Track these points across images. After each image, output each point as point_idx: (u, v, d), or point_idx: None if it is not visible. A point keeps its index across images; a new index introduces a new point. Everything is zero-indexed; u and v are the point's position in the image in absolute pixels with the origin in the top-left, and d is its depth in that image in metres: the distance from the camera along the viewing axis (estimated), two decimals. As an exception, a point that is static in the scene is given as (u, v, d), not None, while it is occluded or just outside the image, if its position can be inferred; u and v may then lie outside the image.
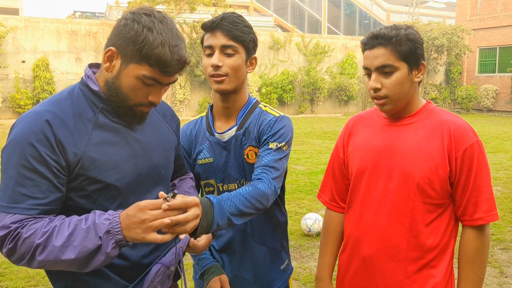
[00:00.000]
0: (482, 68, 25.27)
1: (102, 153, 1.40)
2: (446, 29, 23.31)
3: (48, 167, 1.32)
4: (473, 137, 1.70)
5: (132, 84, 1.39)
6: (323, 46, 23.26)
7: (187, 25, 19.67)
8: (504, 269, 4.49)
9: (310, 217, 5.44)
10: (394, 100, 1.72)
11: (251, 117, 1.89)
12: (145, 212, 1.26)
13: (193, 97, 20.53)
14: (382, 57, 1.69)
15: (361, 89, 23.06)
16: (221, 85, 1.80)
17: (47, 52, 18.21)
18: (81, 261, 1.27)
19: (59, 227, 1.28)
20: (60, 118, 1.36)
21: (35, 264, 1.29)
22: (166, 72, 1.39)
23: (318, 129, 16.45)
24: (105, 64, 1.41)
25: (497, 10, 24.30)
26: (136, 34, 1.35)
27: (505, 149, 11.92)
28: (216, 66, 1.77)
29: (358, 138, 1.90)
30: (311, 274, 4.35)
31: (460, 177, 1.70)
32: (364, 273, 1.82)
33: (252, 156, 1.87)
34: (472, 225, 1.72)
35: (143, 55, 1.35)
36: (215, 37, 1.79)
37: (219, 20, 1.78)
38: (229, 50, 1.78)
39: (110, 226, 1.27)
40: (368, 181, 1.82)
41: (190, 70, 19.80)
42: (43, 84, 17.50)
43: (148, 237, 1.26)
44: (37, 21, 18.29)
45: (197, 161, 1.92)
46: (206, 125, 1.94)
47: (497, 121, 19.87)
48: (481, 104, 24.02)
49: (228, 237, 1.96)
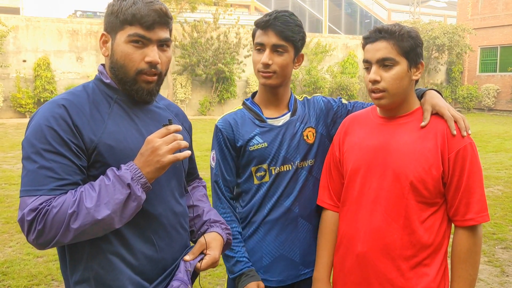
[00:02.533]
0: (483, 67, 25.24)
1: (118, 141, 1.44)
2: (447, 28, 23.29)
3: (70, 149, 1.36)
4: (467, 139, 1.73)
5: (124, 51, 1.45)
6: (324, 45, 23.25)
7: (188, 24, 19.68)
8: (505, 268, 4.49)
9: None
10: (391, 95, 1.74)
11: (299, 105, 2.07)
12: (156, 141, 1.37)
13: (194, 97, 20.52)
14: (384, 50, 1.72)
15: (362, 88, 23.04)
16: (268, 80, 1.92)
17: (48, 51, 18.21)
18: (117, 213, 1.33)
19: (85, 192, 1.33)
20: (76, 106, 1.42)
21: (70, 236, 1.31)
22: (146, 24, 1.43)
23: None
24: (102, 50, 1.51)
25: (498, 9, 24.27)
26: (112, 7, 1.47)
27: (506, 148, 11.91)
28: (267, 64, 1.88)
29: (354, 137, 1.92)
30: (312, 273, 4.35)
31: (452, 178, 1.73)
32: (358, 271, 1.84)
33: (311, 137, 2.03)
34: (464, 226, 1.75)
35: (122, 19, 1.44)
36: (267, 35, 1.88)
37: (272, 20, 1.86)
38: (279, 49, 1.88)
39: (132, 174, 1.36)
40: (363, 179, 1.84)
41: (191, 70, 19.80)
42: (44, 84, 17.50)
43: (167, 159, 1.37)
44: (38, 20, 18.29)
45: (248, 148, 1.97)
46: (252, 115, 2.02)
47: (498, 121, 19.84)
48: (482, 104, 24.00)
49: (275, 218, 1.99)
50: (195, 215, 1.73)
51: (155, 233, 1.52)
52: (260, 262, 1.99)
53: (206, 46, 19.54)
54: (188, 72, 20.00)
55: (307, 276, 2.03)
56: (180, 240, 1.60)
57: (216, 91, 20.53)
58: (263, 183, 1.98)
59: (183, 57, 19.66)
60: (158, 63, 1.47)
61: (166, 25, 1.49)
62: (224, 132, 1.99)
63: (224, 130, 1.99)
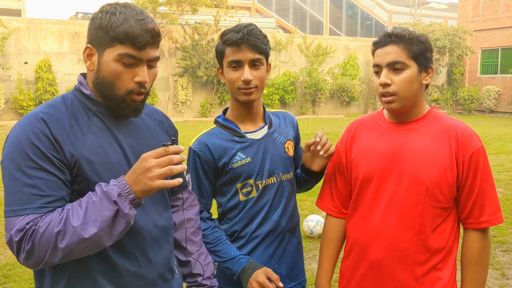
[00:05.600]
0: (484, 69, 25.23)
1: (98, 154, 1.40)
2: (448, 30, 23.29)
3: (53, 163, 1.32)
4: (478, 142, 1.75)
5: (113, 69, 1.40)
6: (324, 47, 23.26)
7: (189, 27, 19.71)
8: (505, 271, 4.50)
9: (312, 219, 5.45)
10: (402, 98, 1.74)
11: (272, 117, 2.07)
12: (149, 161, 1.30)
13: (195, 98, 20.54)
14: (394, 53, 1.73)
15: (362, 90, 23.05)
16: (251, 96, 1.89)
17: (50, 53, 18.25)
18: (105, 231, 1.28)
19: (72, 210, 1.29)
20: (56, 119, 1.37)
21: (58, 255, 1.27)
22: (138, 44, 1.39)
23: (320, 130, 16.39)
24: (87, 63, 1.45)
25: (499, 11, 24.27)
26: (101, 21, 1.40)
27: (507, 150, 11.91)
28: (249, 81, 1.86)
29: (363, 143, 1.89)
30: (313, 276, 4.35)
31: (466, 181, 1.73)
32: (372, 278, 1.82)
33: (291, 149, 2.05)
34: (477, 228, 1.76)
35: (112, 36, 1.38)
36: (242, 52, 1.85)
37: (246, 36, 1.84)
38: (257, 63, 1.88)
39: (120, 189, 1.30)
40: (376, 185, 1.82)
41: (192, 72, 19.83)
42: (46, 86, 17.54)
43: (155, 184, 1.30)
44: (40, 22, 18.34)
45: (232, 166, 1.93)
46: (229, 132, 1.97)
47: (499, 122, 19.84)
48: (483, 105, 23.99)
49: (263, 232, 1.97)
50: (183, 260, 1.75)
51: (138, 248, 1.48)
52: None
53: (207, 48, 19.57)
54: (189, 74, 20.03)
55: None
56: (164, 254, 1.58)
57: (217, 93, 20.56)
58: (249, 199, 1.96)
59: (184, 59, 19.70)
60: (147, 83, 1.45)
61: (157, 44, 1.45)
62: (201, 155, 1.93)
63: (201, 153, 1.93)
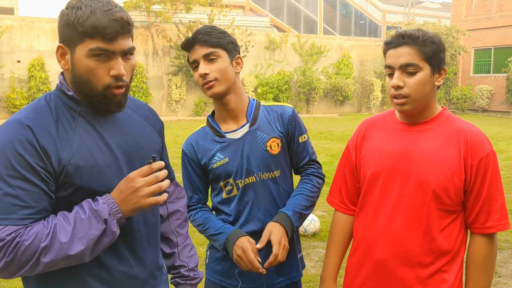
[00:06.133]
0: (477, 68, 25.36)
1: (86, 159, 1.37)
2: (441, 30, 23.39)
3: (37, 174, 1.29)
4: (489, 146, 1.73)
5: (86, 65, 1.36)
6: (318, 46, 23.29)
7: (183, 25, 19.67)
8: (497, 269, 4.52)
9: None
10: (414, 100, 1.72)
11: (261, 113, 2.03)
12: (137, 180, 1.34)
13: (189, 97, 20.51)
14: (407, 55, 1.70)
15: (356, 89, 23.11)
16: (213, 89, 1.91)
17: (43, 52, 18.17)
18: (90, 248, 1.31)
19: (59, 225, 1.29)
20: (42, 125, 1.34)
21: (39, 269, 1.27)
22: (107, 36, 1.34)
23: (314, 129, 16.47)
24: (61, 63, 1.41)
25: (492, 10, 24.40)
26: (68, 18, 1.35)
27: (500, 149, 11.97)
28: (204, 74, 1.90)
29: (373, 142, 1.89)
30: (306, 275, 4.37)
31: (473, 186, 1.72)
32: (376, 277, 1.83)
33: (275, 147, 2.01)
34: (483, 233, 1.75)
35: (80, 32, 1.33)
36: (195, 51, 1.92)
37: (194, 35, 1.92)
38: (211, 56, 1.91)
39: (109, 208, 1.32)
40: (383, 185, 1.82)
41: (186, 70, 19.79)
42: (39, 84, 17.46)
43: (147, 201, 1.34)
44: (32, 20, 18.25)
45: (212, 166, 1.99)
46: (212, 132, 2.03)
47: (492, 121, 19.96)
48: (476, 105, 24.12)
49: (251, 229, 2.00)
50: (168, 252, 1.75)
51: (128, 248, 1.48)
52: (233, 269, 2.00)
53: (201, 47, 19.51)
54: (183, 72, 19.99)
55: (282, 285, 2.06)
56: (153, 251, 1.58)
57: (211, 92, 20.50)
58: (232, 197, 2.02)
59: (178, 58, 19.65)
60: (124, 75, 1.40)
61: (128, 33, 1.40)
62: (188, 153, 2.05)
63: (188, 151, 2.05)
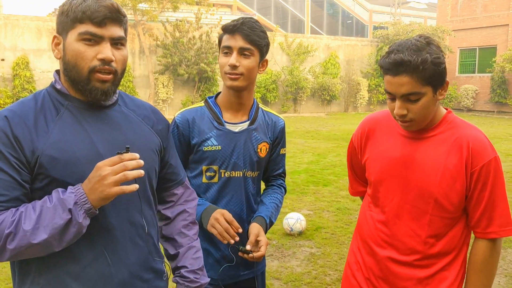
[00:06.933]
0: (462, 68, 25.63)
1: (63, 151, 1.37)
2: (427, 30, 23.59)
3: (9, 163, 1.32)
4: (491, 153, 1.71)
5: (75, 49, 1.40)
6: (306, 46, 23.35)
7: (170, 24, 19.58)
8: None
9: (292, 217, 5.47)
10: (419, 122, 1.72)
11: (259, 115, 2.13)
12: (104, 169, 1.31)
13: (176, 96, 20.42)
14: (408, 85, 1.63)
15: (343, 88, 23.21)
16: (235, 82, 1.98)
17: (27, 50, 17.94)
18: (54, 238, 1.29)
19: (25, 213, 1.29)
20: (20, 116, 1.37)
21: (6, 255, 1.28)
22: (96, 21, 1.39)
23: (301, 128, 16.52)
24: (54, 52, 1.46)
25: (477, 11, 24.67)
26: (63, 7, 1.43)
27: (484, 148, 12.10)
28: (234, 66, 1.95)
29: (377, 147, 1.90)
30: (292, 273, 4.37)
31: (474, 191, 1.72)
32: (378, 273, 1.89)
33: (264, 151, 2.12)
34: (485, 238, 1.75)
35: (72, 18, 1.40)
36: (234, 39, 1.96)
37: (240, 25, 1.95)
38: (246, 52, 1.96)
39: (77, 198, 1.30)
40: (386, 191, 1.85)
41: (173, 69, 19.70)
42: (23, 83, 17.23)
43: (113, 190, 1.30)
44: (17, 18, 18.00)
45: (202, 148, 2.03)
46: (212, 115, 2.06)
47: (476, 121, 20.17)
48: (461, 104, 24.37)
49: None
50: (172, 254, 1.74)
51: (106, 247, 1.44)
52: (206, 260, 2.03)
53: (188, 45, 19.46)
54: (170, 71, 19.89)
55: (246, 278, 2.13)
56: (139, 252, 1.53)
57: (199, 91, 20.45)
58: (211, 184, 2.06)
59: (164, 57, 19.55)
60: (112, 61, 1.41)
61: (118, 22, 1.44)
62: (180, 127, 2.05)
63: (181, 125, 2.05)
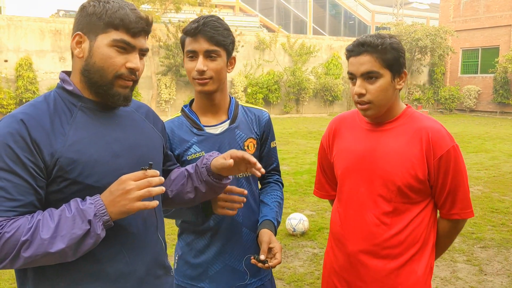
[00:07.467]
0: (464, 69, 25.60)
1: (80, 153, 1.38)
2: (429, 30, 23.57)
3: (25, 168, 1.31)
4: (450, 142, 1.82)
5: (105, 53, 1.41)
6: (308, 47, 23.36)
7: (173, 25, 19.61)
8: (483, 267, 4.58)
9: (295, 217, 5.48)
10: (377, 106, 1.80)
11: (240, 113, 2.04)
12: (128, 183, 1.32)
13: (179, 97, 20.46)
14: (368, 63, 1.76)
15: (346, 89, 23.20)
16: (205, 86, 1.90)
17: (30, 51, 18.01)
18: (71, 248, 1.29)
19: (43, 221, 1.29)
20: (35, 119, 1.35)
21: (19, 263, 1.27)
22: (133, 30, 1.42)
23: (304, 129, 16.52)
24: (76, 51, 1.44)
25: (479, 11, 24.63)
26: (95, 8, 1.42)
27: (486, 149, 12.11)
28: (201, 71, 1.86)
29: (342, 142, 2.00)
30: (295, 274, 4.39)
31: (437, 180, 1.84)
32: (350, 270, 1.93)
33: (251, 147, 2.02)
34: (448, 218, 1.91)
35: (107, 22, 1.41)
36: (198, 42, 1.85)
37: (201, 26, 1.83)
38: (212, 54, 1.86)
39: (96, 209, 1.31)
40: (352, 183, 1.93)
41: (176, 70, 19.73)
42: (26, 84, 17.30)
43: (135, 205, 1.32)
44: (20, 20, 18.07)
45: (186, 157, 1.94)
46: (190, 123, 1.99)
47: (479, 121, 20.15)
48: (463, 105, 24.34)
49: (217, 227, 1.97)
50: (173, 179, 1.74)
51: (123, 245, 1.46)
52: (206, 272, 1.99)
53: (190, 46, 19.45)
54: (173, 72, 19.94)
55: (255, 286, 2.03)
56: (152, 249, 1.55)
57: (201, 92, 20.44)
58: None
59: (167, 58, 19.59)
60: (139, 71, 1.46)
61: (148, 34, 1.50)
62: None
63: None
